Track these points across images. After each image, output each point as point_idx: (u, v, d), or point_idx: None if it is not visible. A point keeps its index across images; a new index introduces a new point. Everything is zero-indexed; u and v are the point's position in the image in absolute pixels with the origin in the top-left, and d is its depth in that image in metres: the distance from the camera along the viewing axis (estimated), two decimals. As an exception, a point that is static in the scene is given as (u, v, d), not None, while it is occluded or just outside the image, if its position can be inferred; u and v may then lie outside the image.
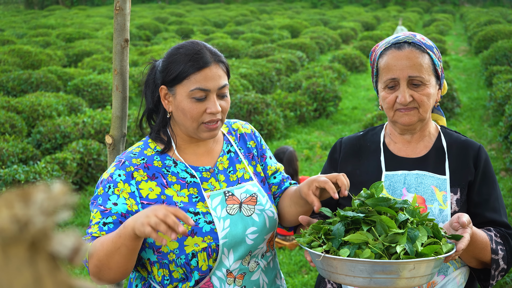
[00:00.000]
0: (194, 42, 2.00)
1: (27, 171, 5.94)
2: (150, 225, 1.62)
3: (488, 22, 22.06)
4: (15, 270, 0.46)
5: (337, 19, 29.22)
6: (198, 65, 1.91)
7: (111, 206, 1.89)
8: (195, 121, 1.93)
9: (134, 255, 1.78)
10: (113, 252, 1.76)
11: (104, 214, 1.89)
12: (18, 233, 0.46)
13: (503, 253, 1.98)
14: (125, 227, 1.72)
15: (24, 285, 0.46)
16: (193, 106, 1.92)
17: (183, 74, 1.92)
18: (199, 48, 1.95)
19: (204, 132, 1.96)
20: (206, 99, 1.92)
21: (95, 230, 1.88)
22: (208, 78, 1.92)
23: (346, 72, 13.93)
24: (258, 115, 8.94)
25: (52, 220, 0.47)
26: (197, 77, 1.91)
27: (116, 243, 1.74)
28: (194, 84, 1.91)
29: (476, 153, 2.10)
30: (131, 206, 1.90)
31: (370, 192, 1.83)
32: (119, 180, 1.92)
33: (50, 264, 0.48)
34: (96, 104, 10.51)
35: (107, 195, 1.91)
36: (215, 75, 1.93)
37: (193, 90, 1.91)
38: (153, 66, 2.06)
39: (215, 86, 1.93)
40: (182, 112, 1.94)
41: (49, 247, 0.48)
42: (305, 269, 5.06)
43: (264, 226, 2.02)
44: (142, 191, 1.93)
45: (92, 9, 40.14)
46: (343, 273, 1.67)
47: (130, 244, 1.73)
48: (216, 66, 1.95)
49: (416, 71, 1.98)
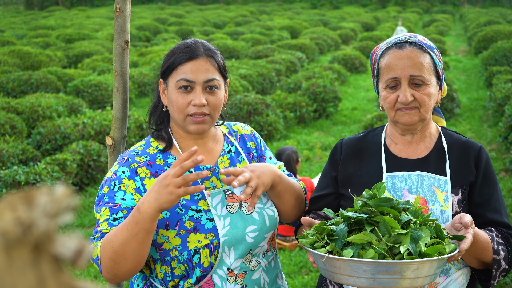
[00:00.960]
0: (193, 39, 2.04)
1: (27, 172, 5.94)
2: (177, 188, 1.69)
3: (487, 23, 22.08)
4: (19, 272, 0.47)
5: (337, 20, 29.25)
6: (186, 56, 1.96)
7: (120, 201, 1.90)
8: (181, 112, 1.96)
9: (150, 238, 1.79)
10: (129, 240, 1.75)
11: (114, 210, 1.89)
12: (21, 236, 0.46)
13: (504, 253, 1.98)
14: (141, 212, 1.72)
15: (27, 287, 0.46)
16: (178, 97, 1.95)
17: (173, 65, 1.97)
18: (193, 43, 2.00)
19: (190, 124, 1.98)
20: (192, 91, 1.96)
21: (105, 227, 1.87)
22: (194, 69, 1.95)
23: (346, 73, 13.94)
24: (258, 116, 8.95)
25: (55, 222, 0.48)
26: (184, 68, 1.95)
27: (133, 229, 1.74)
28: (180, 74, 1.95)
29: (477, 153, 2.09)
30: (138, 201, 1.90)
31: (372, 193, 1.83)
32: (123, 176, 1.94)
33: (54, 266, 0.48)
34: (96, 105, 10.52)
35: (113, 192, 1.92)
36: (201, 68, 1.96)
37: (179, 81, 1.95)
38: None
39: (200, 79, 1.95)
40: (171, 104, 1.99)
41: (52, 249, 0.48)
42: (305, 270, 5.06)
43: (264, 224, 2.03)
44: (146, 187, 1.94)
45: (92, 10, 40.17)
46: (346, 273, 1.67)
47: (149, 226, 1.74)
48: (205, 60, 1.97)
49: (418, 70, 1.98)
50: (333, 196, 2.22)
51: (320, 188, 2.25)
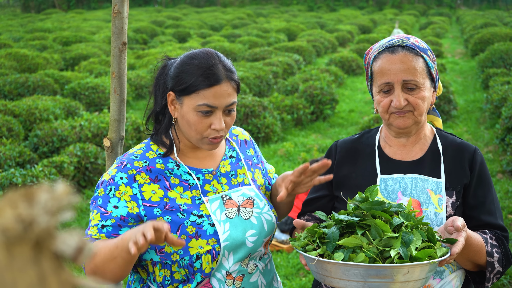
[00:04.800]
0: (209, 54, 1.96)
1: (24, 174, 5.93)
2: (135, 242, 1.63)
3: (484, 25, 22.11)
4: (20, 269, 0.47)
5: (334, 22, 29.26)
6: (209, 82, 1.89)
7: (111, 209, 1.90)
8: (198, 133, 1.93)
9: (129, 266, 1.80)
10: (109, 260, 1.77)
11: (104, 217, 1.89)
12: (22, 233, 0.47)
13: (498, 256, 1.98)
14: (123, 240, 1.73)
15: (28, 284, 0.47)
16: (198, 120, 1.90)
17: (193, 87, 1.89)
18: (214, 63, 1.92)
19: (206, 144, 1.97)
20: (212, 114, 1.91)
21: (95, 232, 1.89)
22: (217, 95, 1.89)
23: (343, 75, 13.95)
24: (255, 118, 8.95)
25: (56, 220, 0.48)
26: (206, 93, 1.88)
27: (113, 252, 1.76)
28: (202, 99, 1.89)
29: (472, 155, 2.09)
30: (132, 209, 1.90)
31: (365, 196, 1.84)
32: (121, 183, 1.92)
33: (54, 263, 0.48)
34: (93, 108, 10.50)
35: (108, 197, 1.91)
36: (224, 93, 1.90)
37: (201, 105, 1.89)
38: (164, 65, 2.03)
39: (222, 104, 1.91)
40: (187, 123, 1.93)
41: (53, 246, 0.48)
42: (303, 272, 5.06)
43: (263, 229, 2.03)
44: (145, 193, 1.92)
45: (89, 13, 40.11)
46: (337, 277, 1.68)
47: (126, 256, 1.74)
48: (227, 84, 1.92)
49: (411, 75, 1.97)
50: (327, 198, 2.22)
51: (315, 190, 2.25)
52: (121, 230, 1.90)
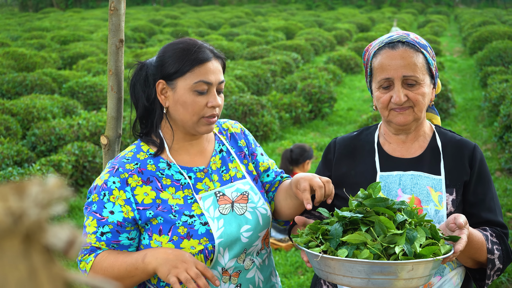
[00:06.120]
0: (191, 39, 2.02)
1: (22, 173, 5.92)
2: (179, 278, 1.74)
3: (482, 23, 22.13)
4: (10, 263, 0.46)
5: (332, 21, 29.26)
6: (201, 59, 1.94)
7: (107, 215, 1.90)
8: (195, 114, 1.94)
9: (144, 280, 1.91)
10: (125, 278, 1.85)
11: (101, 223, 1.90)
12: (12, 226, 0.46)
13: (499, 253, 1.98)
14: (145, 263, 1.81)
15: (18, 278, 0.46)
16: (195, 99, 1.93)
17: (186, 67, 1.93)
18: (199, 44, 1.99)
19: (203, 126, 1.97)
20: (207, 92, 1.95)
21: (94, 241, 1.90)
22: (210, 71, 1.95)
23: (341, 74, 13.95)
24: (254, 117, 8.94)
25: (46, 212, 0.47)
26: (200, 70, 1.93)
27: (130, 272, 1.84)
28: (198, 77, 1.93)
29: (471, 152, 2.08)
30: (127, 213, 1.90)
31: (368, 193, 1.82)
32: (114, 187, 1.92)
33: (45, 257, 0.47)
34: (91, 106, 10.49)
35: (103, 203, 1.91)
36: (216, 70, 1.97)
37: (197, 83, 1.92)
38: (141, 66, 2.05)
39: (216, 80, 1.96)
40: (182, 106, 1.94)
41: (43, 239, 0.47)
42: (301, 270, 5.06)
43: (258, 223, 2.03)
44: (137, 197, 1.92)
45: (87, 12, 40.08)
46: (341, 273, 1.66)
47: (145, 277, 1.85)
48: (216, 61, 1.99)
49: (411, 70, 1.97)
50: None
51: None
52: (120, 236, 1.91)
